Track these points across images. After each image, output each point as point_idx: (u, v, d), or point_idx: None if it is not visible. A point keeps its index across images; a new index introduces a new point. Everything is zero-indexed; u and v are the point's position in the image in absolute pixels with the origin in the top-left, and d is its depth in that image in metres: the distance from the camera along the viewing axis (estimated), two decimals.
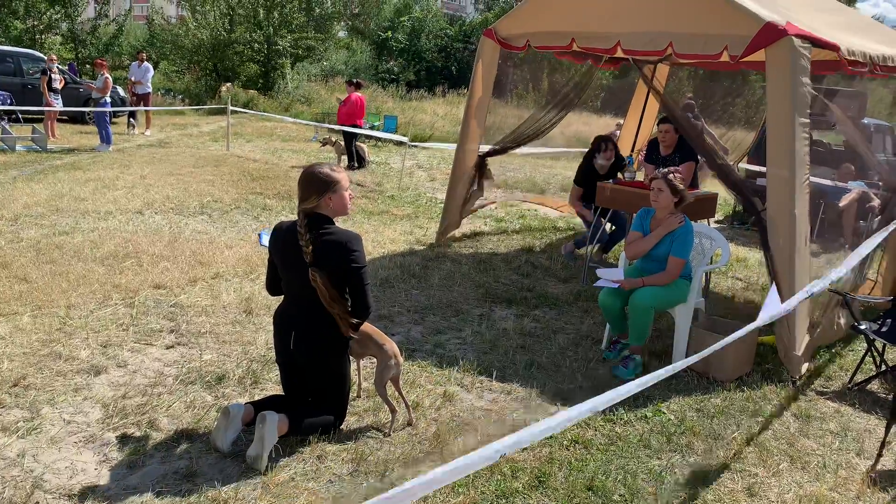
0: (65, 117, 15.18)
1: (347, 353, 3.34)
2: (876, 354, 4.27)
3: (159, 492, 2.83)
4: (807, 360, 4.47)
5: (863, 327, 4.24)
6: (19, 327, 4.29)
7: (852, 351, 4.92)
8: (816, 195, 7.30)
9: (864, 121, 10.23)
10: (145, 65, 14.75)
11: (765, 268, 4.62)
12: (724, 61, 4.82)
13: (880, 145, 10.29)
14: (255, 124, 17.60)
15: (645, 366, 4.32)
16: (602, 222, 6.57)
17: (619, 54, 5.59)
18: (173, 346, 4.25)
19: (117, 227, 6.77)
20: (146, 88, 14.72)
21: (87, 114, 14.69)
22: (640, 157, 6.76)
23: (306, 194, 3.12)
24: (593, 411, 2.09)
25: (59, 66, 13.97)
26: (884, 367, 4.30)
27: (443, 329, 4.84)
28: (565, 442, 3.41)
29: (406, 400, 3.53)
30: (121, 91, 16.03)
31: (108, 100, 12.41)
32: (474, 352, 4.47)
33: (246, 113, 16.81)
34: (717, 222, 9.28)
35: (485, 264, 6.45)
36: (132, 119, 14.83)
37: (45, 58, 14.14)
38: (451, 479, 1.67)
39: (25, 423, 3.25)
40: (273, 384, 3.80)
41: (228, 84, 22.92)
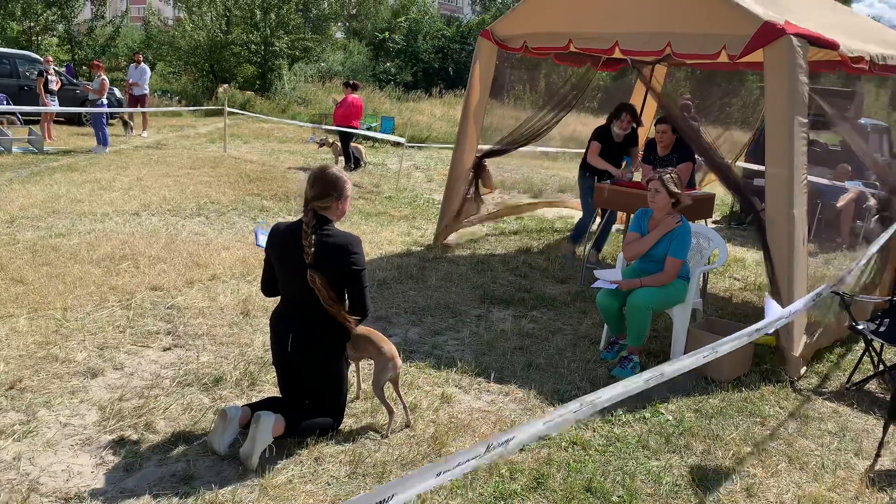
0: (61, 119, 15.15)
1: (345, 355, 3.33)
2: (874, 354, 4.27)
3: (156, 494, 2.82)
4: (805, 361, 4.47)
5: (860, 327, 4.24)
6: (15, 329, 4.27)
7: (850, 351, 4.93)
8: (814, 195, 7.32)
9: (862, 121, 10.23)
10: (142, 66, 14.72)
11: (763, 268, 4.62)
12: (723, 61, 4.82)
13: (877, 145, 10.30)
14: (252, 125, 17.58)
15: (643, 366, 4.32)
16: (598, 221, 6.57)
17: (617, 55, 5.58)
18: (170, 349, 4.23)
19: (114, 229, 6.75)
20: (143, 90, 14.69)
21: (84, 115, 14.66)
22: (637, 157, 6.75)
23: (323, 194, 3.13)
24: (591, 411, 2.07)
25: (56, 68, 13.92)
26: (882, 367, 4.30)
27: (440, 330, 4.83)
28: (563, 443, 3.40)
29: (404, 401, 3.52)
30: (117, 92, 16.00)
31: (105, 101, 12.39)
32: (472, 353, 4.46)
33: (243, 114, 16.78)
34: (715, 222, 9.28)
35: (482, 265, 6.45)
36: (129, 121, 14.80)
37: (42, 59, 14.11)
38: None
39: (22, 426, 3.24)
40: (271, 386, 3.79)
41: (225, 85, 22.88)
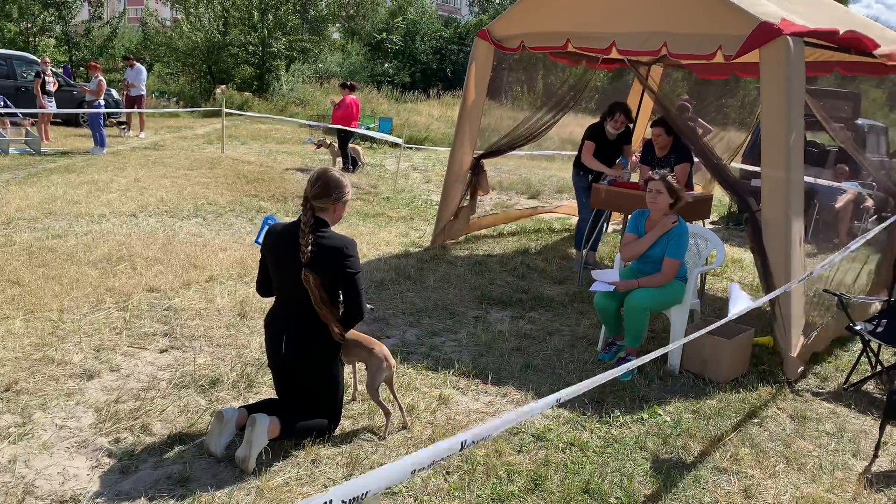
0: (58, 120, 15.12)
1: (339, 356, 3.32)
2: (871, 355, 4.27)
3: (152, 497, 2.81)
4: (803, 362, 4.47)
5: (858, 328, 4.25)
6: (11, 331, 4.25)
7: (848, 352, 4.92)
8: (811, 196, 7.33)
9: (859, 121, 10.25)
10: (137, 66, 14.68)
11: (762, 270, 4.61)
12: (716, 64, 4.82)
13: (874, 146, 10.32)
14: (250, 126, 17.56)
15: (641, 367, 4.31)
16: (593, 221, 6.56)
17: (614, 55, 5.59)
18: (167, 350, 4.22)
19: (111, 230, 6.74)
20: (140, 91, 14.66)
21: (81, 116, 14.64)
22: (634, 159, 6.75)
23: (323, 194, 3.13)
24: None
25: (53, 69, 13.89)
26: (879, 368, 4.30)
27: (438, 331, 4.82)
28: (561, 444, 3.40)
29: (401, 403, 3.51)
30: (115, 93, 15.98)
31: (102, 102, 12.37)
32: (470, 354, 4.45)
33: (241, 115, 16.77)
34: (712, 223, 9.29)
35: (480, 266, 6.44)
36: (125, 123, 14.78)
37: (39, 60, 14.08)
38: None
39: (17, 429, 3.22)
40: (267, 388, 3.78)
41: (223, 86, 22.86)
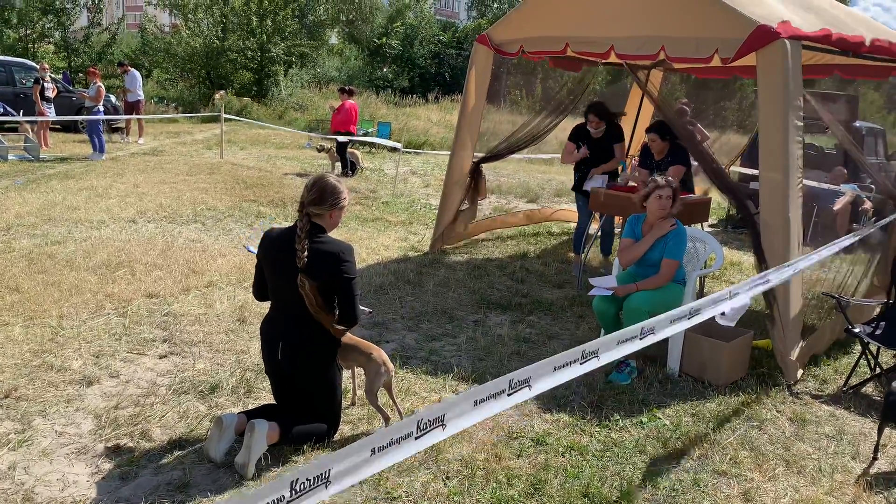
0: (57, 126, 15.14)
1: (337, 362, 3.32)
2: (870, 357, 4.27)
3: (152, 503, 2.81)
4: (802, 365, 4.47)
5: (857, 330, 4.25)
6: (11, 338, 4.25)
7: (847, 354, 4.93)
8: (810, 198, 7.33)
9: (857, 124, 10.27)
10: (132, 72, 14.68)
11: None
12: (716, 66, 4.83)
13: (873, 148, 10.34)
14: (249, 132, 17.58)
15: (640, 371, 4.32)
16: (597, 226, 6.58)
17: (613, 59, 5.61)
18: (166, 356, 4.22)
19: (110, 236, 6.74)
20: (137, 96, 14.67)
21: (80, 122, 14.66)
22: (633, 163, 6.77)
23: (319, 200, 3.13)
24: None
25: (52, 75, 13.92)
26: (878, 371, 4.30)
27: (437, 336, 4.83)
28: (560, 448, 3.40)
29: (400, 407, 3.51)
30: (114, 99, 16.01)
31: (101, 108, 12.38)
32: (469, 358, 4.45)
33: (240, 120, 16.79)
34: (711, 226, 9.30)
35: (479, 270, 6.45)
36: (120, 129, 14.82)
37: (38, 67, 14.10)
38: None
39: (17, 435, 3.22)
40: (267, 393, 3.78)
41: (222, 92, 22.87)
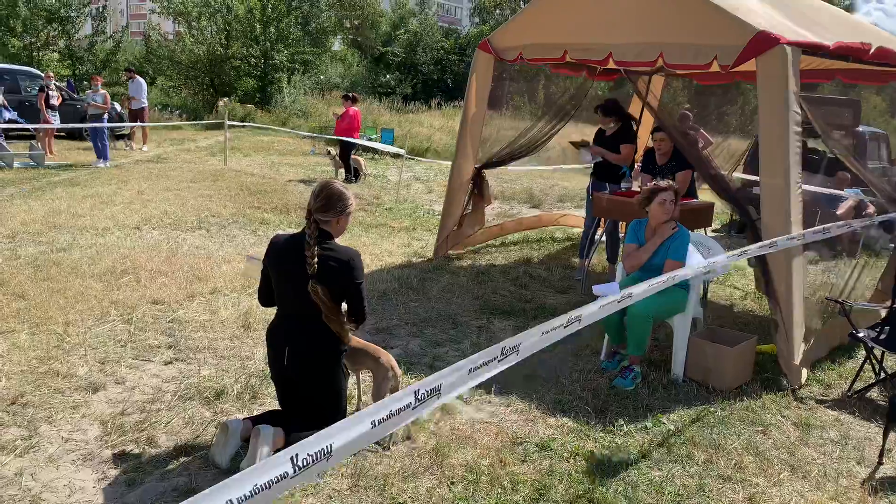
0: (62, 134, 15.21)
1: (342, 367, 3.33)
2: (875, 362, 4.27)
3: None
4: (805, 369, 4.46)
5: (861, 335, 4.25)
6: (17, 345, 4.27)
7: (851, 359, 4.92)
8: (812, 204, 7.33)
9: (860, 128, 10.27)
10: (138, 80, 14.76)
11: (762, 277, 4.62)
12: (716, 72, 4.84)
13: (876, 153, 10.33)
14: (253, 138, 17.64)
15: (644, 376, 4.32)
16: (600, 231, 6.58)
17: (612, 65, 5.63)
18: (171, 362, 4.24)
19: (115, 243, 6.77)
20: (141, 103, 14.74)
21: (84, 130, 14.74)
22: (637, 168, 6.77)
23: (328, 207, 3.16)
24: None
25: (57, 83, 13.99)
26: (883, 375, 4.30)
27: (441, 342, 4.83)
28: (565, 454, 3.40)
29: None
30: (118, 107, 16.08)
31: (106, 115, 12.45)
32: None
33: (243, 127, 16.85)
34: (714, 231, 9.30)
35: (483, 276, 6.46)
36: (125, 136, 14.89)
37: (43, 75, 14.18)
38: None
39: (23, 442, 3.24)
40: (272, 399, 3.79)
41: (225, 99, 22.99)
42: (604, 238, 6.83)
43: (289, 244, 3.22)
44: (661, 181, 4.47)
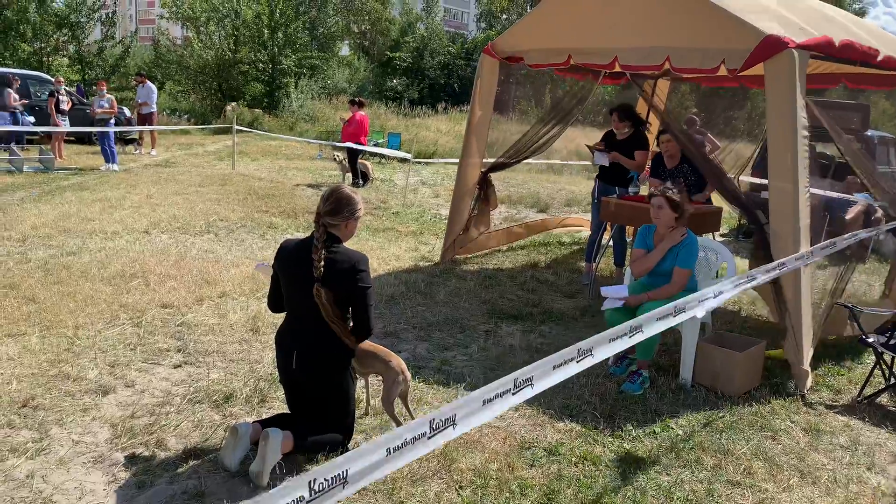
0: (72, 138, 15.31)
1: (351, 371, 3.34)
2: (885, 367, 4.25)
3: None
4: (812, 371, 4.44)
5: (871, 340, 4.23)
6: (27, 348, 4.30)
7: (861, 364, 4.90)
8: (821, 208, 7.30)
9: (868, 133, 10.22)
10: (148, 85, 14.87)
11: (769, 282, 4.60)
12: (723, 75, 4.83)
13: (885, 158, 10.28)
14: (261, 143, 17.71)
15: (652, 381, 4.31)
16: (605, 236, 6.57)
17: (617, 69, 5.62)
18: (181, 366, 4.26)
19: (124, 247, 6.81)
20: (151, 108, 14.84)
21: (93, 134, 14.85)
22: (644, 172, 6.76)
23: (335, 211, 3.17)
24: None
25: (67, 88, 14.10)
26: (893, 381, 4.27)
27: (449, 346, 4.84)
28: (573, 459, 3.40)
29: (414, 417, 3.53)
30: (126, 111, 16.20)
31: (113, 120, 12.54)
32: (481, 368, 4.46)
33: (251, 132, 16.92)
34: (723, 236, 9.27)
35: (490, 280, 6.46)
36: (135, 140, 14.98)
37: (53, 80, 14.29)
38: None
39: (34, 444, 3.26)
40: (281, 402, 3.80)
41: (233, 103, 23.12)
42: (611, 242, 6.82)
43: (298, 248, 3.23)
44: (669, 186, 4.45)
